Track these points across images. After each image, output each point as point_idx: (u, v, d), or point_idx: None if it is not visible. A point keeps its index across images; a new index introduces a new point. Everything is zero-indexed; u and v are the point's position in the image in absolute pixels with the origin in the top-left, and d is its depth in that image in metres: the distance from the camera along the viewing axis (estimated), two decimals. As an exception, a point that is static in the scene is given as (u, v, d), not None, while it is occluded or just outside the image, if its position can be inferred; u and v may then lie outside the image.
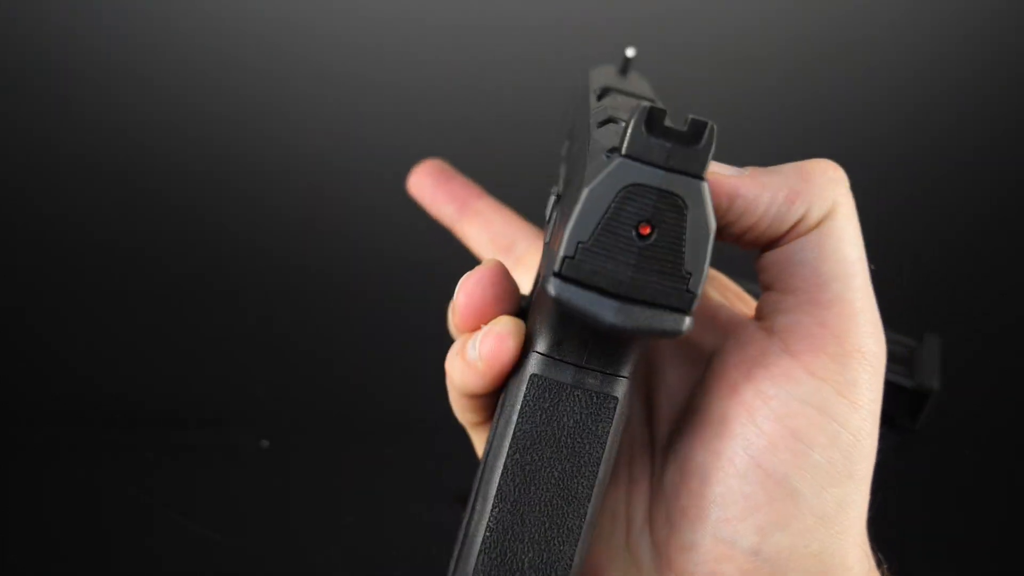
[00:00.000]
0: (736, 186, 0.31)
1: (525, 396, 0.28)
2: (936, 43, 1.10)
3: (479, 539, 0.29)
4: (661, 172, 0.24)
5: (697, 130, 0.24)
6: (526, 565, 0.29)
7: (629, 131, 0.24)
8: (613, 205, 0.25)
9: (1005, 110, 1.02)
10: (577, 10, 1.15)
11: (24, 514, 0.56)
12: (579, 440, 0.28)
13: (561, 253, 0.25)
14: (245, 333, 0.73)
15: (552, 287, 0.25)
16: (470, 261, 0.53)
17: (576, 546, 0.29)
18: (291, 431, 0.63)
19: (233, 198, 0.91)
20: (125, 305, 0.77)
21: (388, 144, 0.96)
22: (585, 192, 0.24)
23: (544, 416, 0.28)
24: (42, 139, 1.00)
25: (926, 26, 1.11)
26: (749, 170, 0.32)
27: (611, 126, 0.30)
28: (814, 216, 0.32)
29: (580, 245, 0.25)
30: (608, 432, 0.29)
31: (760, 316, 0.34)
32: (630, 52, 0.45)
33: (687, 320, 0.25)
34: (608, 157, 0.25)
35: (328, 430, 0.64)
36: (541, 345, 0.28)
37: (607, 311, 0.25)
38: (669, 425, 0.36)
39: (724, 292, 0.40)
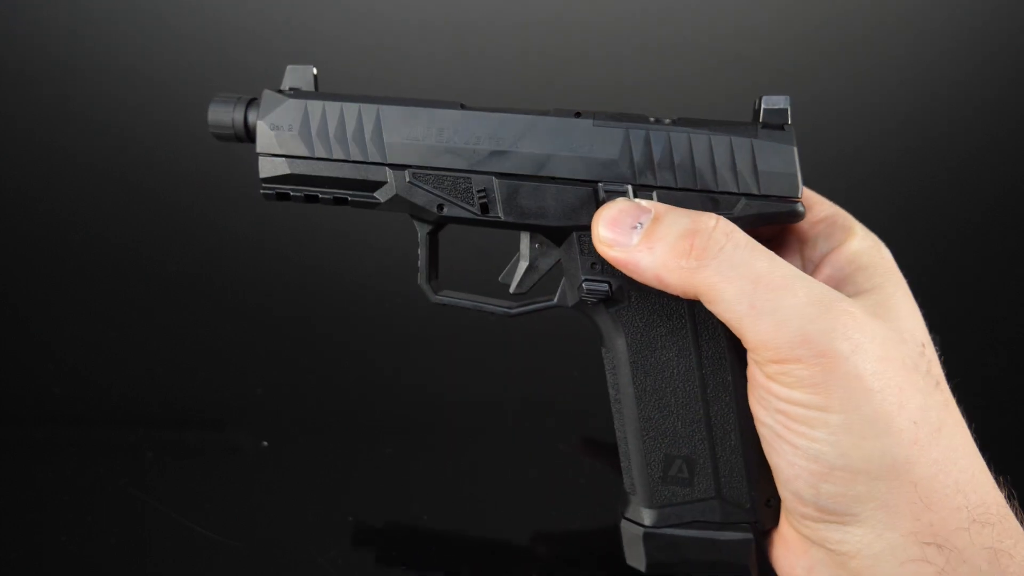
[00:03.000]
0: (629, 261, 0.42)
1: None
2: (941, 41, 1.10)
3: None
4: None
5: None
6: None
7: (789, 110, 0.45)
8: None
9: (1004, 111, 1.02)
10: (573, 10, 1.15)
11: (24, 512, 0.56)
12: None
13: (801, 184, 0.44)
14: (245, 334, 0.73)
15: (800, 208, 0.44)
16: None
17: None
18: (291, 431, 0.63)
19: (234, 200, 0.91)
20: (126, 306, 0.77)
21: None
22: (795, 147, 0.44)
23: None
24: (43, 139, 1.00)
25: (930, 24, 1.11)
26: (639, 243, 0.42)
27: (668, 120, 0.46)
28: (689, 295, 0.41)
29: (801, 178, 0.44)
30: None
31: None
32: (315, 70, 0.50)
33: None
34: (774, 129, 0.44)
35: (328, 430, 0.64)
36: None
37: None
38: None
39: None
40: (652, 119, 0.45)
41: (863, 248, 0.46)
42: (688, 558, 0.46)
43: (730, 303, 0.39)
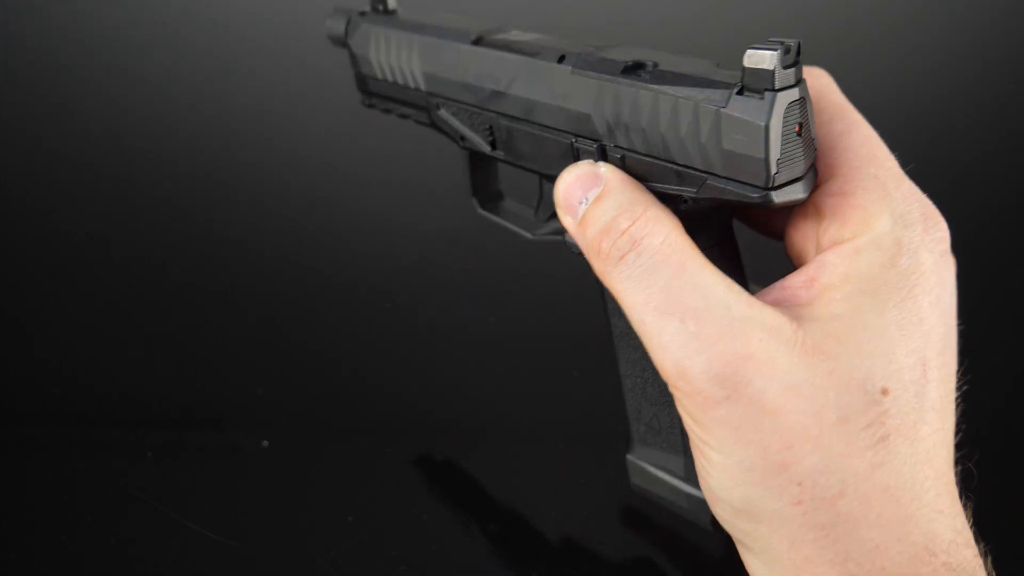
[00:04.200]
0: (574, 235, 0.40)
1: None
2: (945, 40, 1.10)
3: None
4: (796, 88, 0.33)
5: (796, 49, 0.33)
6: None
7: (776, 72, 0.32)
8: (786, 123, 0.33)
9: (1006, 110, 1.02)
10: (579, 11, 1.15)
11: (23, 512, 0.56)
12: None
13: (773, 171, 0.33)
14: (245, 334, 0.73)
15: (776, 196, 0.34)
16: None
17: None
18: (291, 431, 0.63)
19: (234, 200, 0.91)
20: (126, 306, 0.77)
21: (386, 146, 0.96)
22: (771, 124, 0.32)
23: None
24: (43, 140, 1.00)
25: (937, 20, 1.11)
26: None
27: (649, 68, 0.38)
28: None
29: (779, 161, 0.33)
30: None
31: None
32: (392, 3, 0.54)
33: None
34: (753, 94, 0.33)
35: (328, 431, 0.64)
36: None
37: (800, 191, 0.35)
38: None
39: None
40: (631, 62, 0.39)
41: (870, 253, 0.36)
42: (662, 495, 0.47)
43: (628, 313, 0.37)
